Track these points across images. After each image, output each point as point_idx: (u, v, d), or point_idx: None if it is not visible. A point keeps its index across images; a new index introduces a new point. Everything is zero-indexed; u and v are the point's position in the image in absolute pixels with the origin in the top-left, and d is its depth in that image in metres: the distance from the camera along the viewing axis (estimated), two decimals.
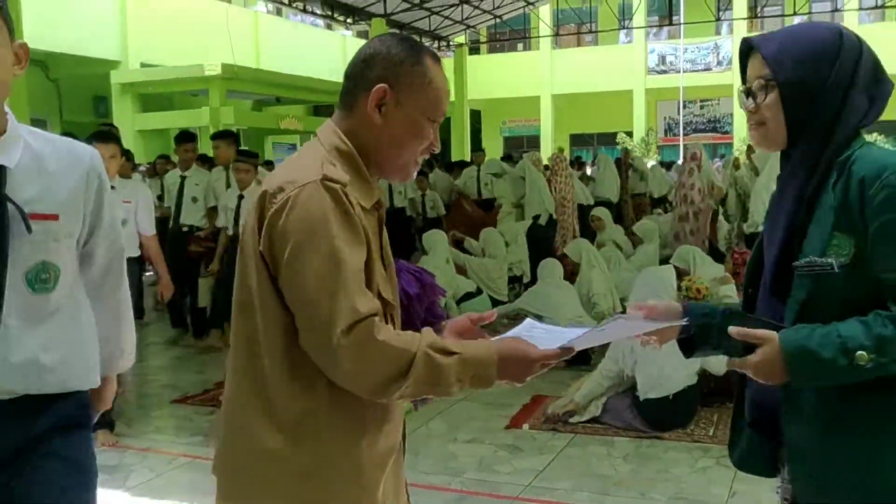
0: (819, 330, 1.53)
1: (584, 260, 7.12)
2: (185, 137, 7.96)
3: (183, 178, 7.46)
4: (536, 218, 9.00)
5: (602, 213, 8.61)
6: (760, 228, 6.96)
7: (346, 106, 1.66)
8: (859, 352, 1.48)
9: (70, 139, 1.90)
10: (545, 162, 10.76)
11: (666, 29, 25.38)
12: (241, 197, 6.52)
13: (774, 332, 1.56)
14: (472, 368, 1.53)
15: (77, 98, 16.73)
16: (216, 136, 7.62)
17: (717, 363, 4.89)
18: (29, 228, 1.71)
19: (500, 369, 1.55)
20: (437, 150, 1.72)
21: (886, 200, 1.50)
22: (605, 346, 5.86)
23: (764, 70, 1.66)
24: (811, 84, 1.61)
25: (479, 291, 7.48)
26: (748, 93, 1.70)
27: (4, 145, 1.74)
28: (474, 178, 12.04)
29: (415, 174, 1.75)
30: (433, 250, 7.30)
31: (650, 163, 15.15)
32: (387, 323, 1.60)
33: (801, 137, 1.65)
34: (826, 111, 1.62)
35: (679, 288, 5.46)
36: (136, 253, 5.67)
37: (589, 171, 14.22)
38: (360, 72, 1.64)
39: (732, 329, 1.59)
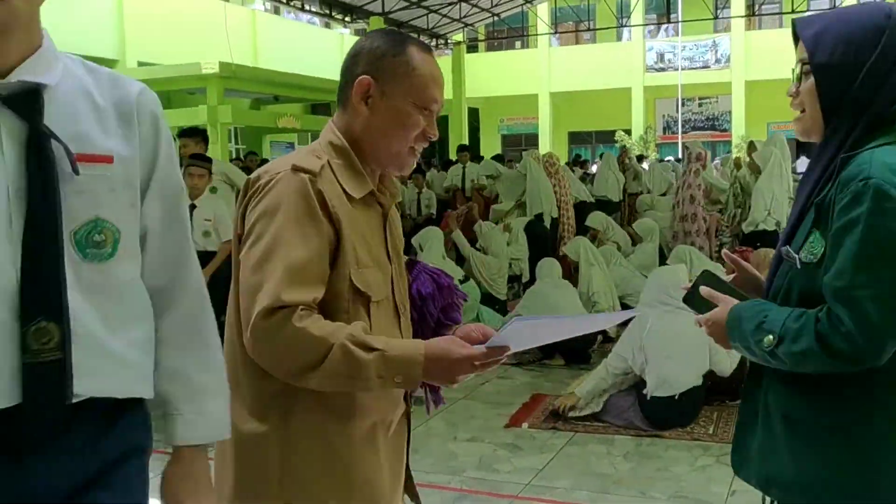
0: (763, 306, 1.58)
1: (583, 258, 7.11)
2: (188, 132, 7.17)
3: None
4: (539, 216, 8.98)
5: (596, 222, 8.60)
6: (760, 227, 6.92)
7: (340, 103, 1.72)
8: (768, 336, 1.51)
9: (112, 71, 1.46)
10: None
11: (665, 26, 25.34)
12: (192, 207, 5.91)
13: (734, 299, 1.64)
14: (396, 367, 1.50)
15: None
16: (183, 134, 6.56)
17: (724, 365, 4.89)
18: (76, 171, 1.26)
19: (427, 370, 1.52)
20: (434, 138, 1.73)
21: (846, 206, 1.45)
22: (603, 347, 5.85)
23: (803, 53, 1.58)
24: (847, 68, 1.51)
25: (466, 279, 7.42)
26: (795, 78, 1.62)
27: (41, 61, 1.28)
28: (459, 176, 11.87)
29: (412, 164, 1.75)
30: (428, 247, 7.26)
31: (645, 163, 15.03)
32: (368, 318, 1.62)
33: (830, 127, 1.55)
34: (860, 98, 1.51)
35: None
36: None
37: (594, 169, 14.18)
38: (349, 68, 1.69)
39: (703, 289, 1.68)
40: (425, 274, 2.00)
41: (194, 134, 6.72)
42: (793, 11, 19.15)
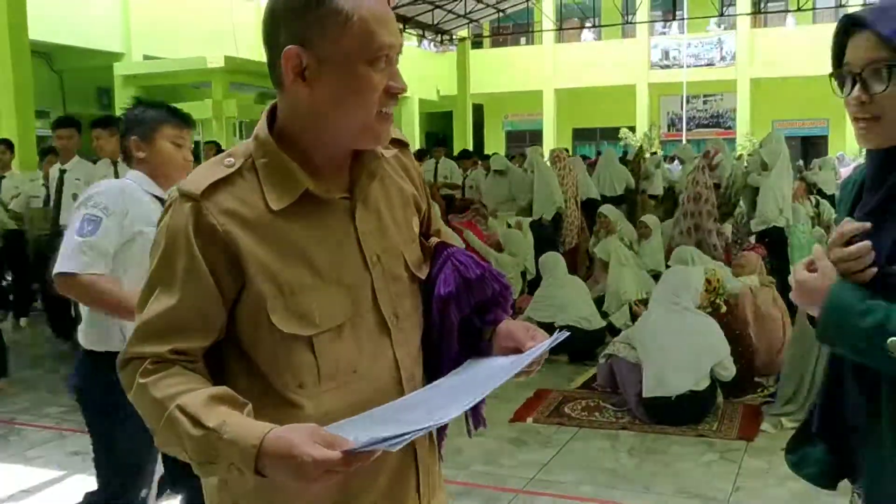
0: (870, 301, 1.36)
1: (614, 258, 7.11)
2: (64, 122, 6.67)
3: (63, 171, 6.37)
4: (539, 219, 8.94)
5: (609, 210, 8.58)
6: (771, 225, 6.85)
7: (275, 84, 1.35)
8: (892, 338, 1.32)
9: None
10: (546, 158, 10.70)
11: (675, 23, 25.28)
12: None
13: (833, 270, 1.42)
14: (228, 453, 1.18)
15: (81, 90, 16.71)
16: (95, 124, 6.06)
17: (726, 371, 4.90)
18: None
19: (264, 465, 1.17)
20: (403, 91, 1.35)
21: None
22: (599, 357, 5.85)
23: (881, 52, 1.37)
24: None
25: None
26: (854, 80, 1.42)
27: None
28: (431, 171, 11.64)
29: (388, 130, 1.37)
30: None
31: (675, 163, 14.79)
32: (312, 355, 1.32)
33: None
34: None
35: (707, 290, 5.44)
36: None
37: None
38: (269, 39, 1.32)
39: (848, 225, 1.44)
40: (451, 264, 1.48)
41: (107, 124, 5.98)
42: (798, 9, 19.11)
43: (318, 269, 1.32)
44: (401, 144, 1.52)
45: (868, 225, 1.39)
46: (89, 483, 4.18)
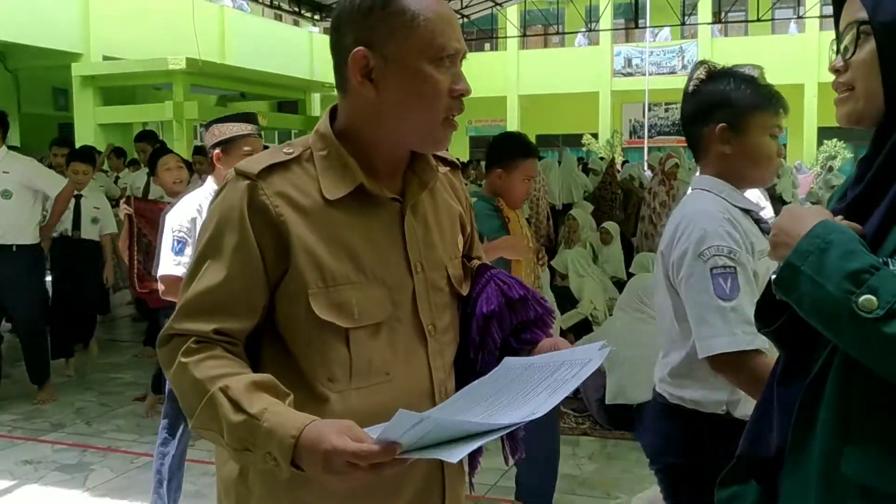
0: (868, 254, 1.12)
1: (572, 270, 7.12)
2: (81, 155, 6.82)
3: (79, 196, 6.23)
4: None
5: (578, 214, 8.58)
6: None
7: (339, 88, 1.37)
8: (867, 296, 1.07)
9: None
10: None
11: (656, 30, 25.57)
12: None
13: (825, 213, 1.21)
14: (265, 441, 1.17)
15: (36, 90, 16.42)
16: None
17: None
18: None
19: (300, 456, 1.15)
20: (468, 92, 1.34)
21: None
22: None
23: (858, 13, 1.21)
24: None
25: None
26: (838, 49, 1.27)
27: None
28: None
29: (450, 136, 1.38)
30: None
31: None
32: (346, 349, 1.32)
33: None
34: None
35: None
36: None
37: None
38: (336, 43, 1.35)
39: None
40: (494, 284, 1.48)
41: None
42: (758, 19, 19.42)
43: (362, 265, 1.33)
44: (452, 165, 1.57)
45: (857, 226, 1.19)
46: (41, 492, 4.09)
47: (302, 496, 1.33)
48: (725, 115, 2.01)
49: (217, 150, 3.16)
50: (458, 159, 1.66)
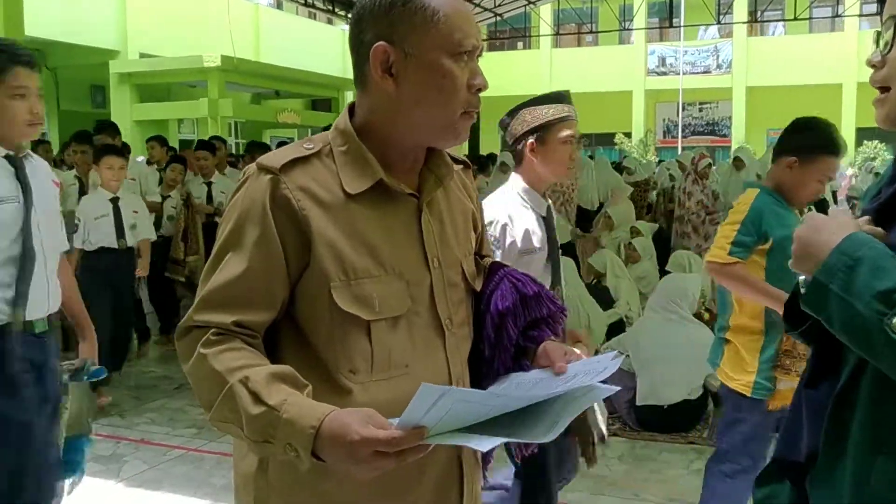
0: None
1: (609, 270, 7.08)
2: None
3: (115, 199, 5.50)
4: None
5: (619, 213, 8.47)
6: None
7: (359, 84, 1.39)
8: None
9: None
10: None
11: (670, 30, 25.37)
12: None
13: (852, 223, 1.14)
14: (285, 433, 1.17)
15: (75, 88, 16.69)
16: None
17: (717, 381, 4.88)
18: None
19: (322, 448, 1.15)
20: (485, 86, 1.39)
21: None
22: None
23: None
24: None
25: None
26: (879, 43, 1.20)
27: None
28: None
29: (467, 132, 1.39)
30: None
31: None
32: (368, 341, 1.33)
33: None
34: None
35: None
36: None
37: None
38: (356, 39, 1.37)
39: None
40: (507, 282, 1.49)
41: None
42: (795, 18, 19.17)
43: (381, 259, 1.35)
44: (464, 163, 1.58)
45: (880, 231, 1.15)
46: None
47: (323, 487, 1.34)
48: None
49: (530, 140, 2.68)
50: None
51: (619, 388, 1.33)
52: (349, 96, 19.87)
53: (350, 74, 1.45)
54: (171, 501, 3.92)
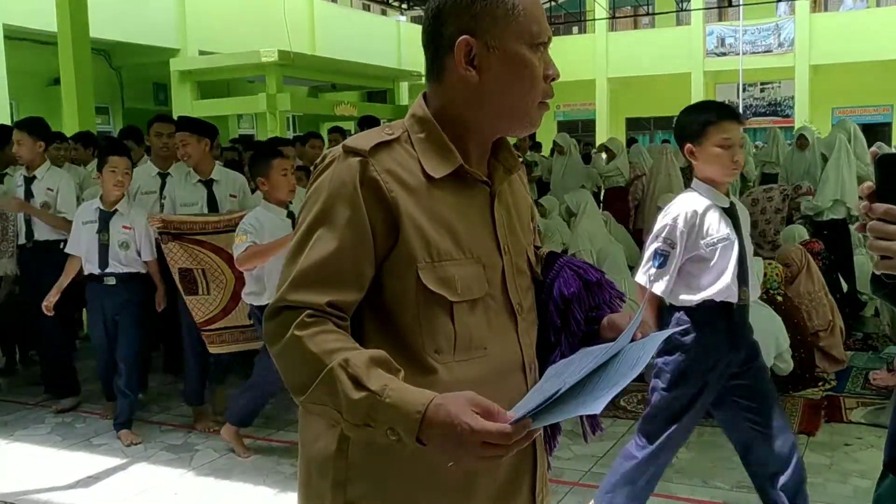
0: None
1: (581, 210, 7.00)
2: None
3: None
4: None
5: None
6: (828, 216, 6.56)
7: (434, 77, 1.43)
8: None
9: None
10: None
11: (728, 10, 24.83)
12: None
13: None
14: (387, 418, 1.19)
15: (138, 86, 17.05)
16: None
17: (784, 364, 4.78)
18: None
19: (425, 434, 1.17)
20: (558, 76, 1.43)
21: None
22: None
23: None
24: None
25: None
26: None
27: None
28: None
29: (541, 119, 1.45)
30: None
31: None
32: (450, 322, 1.36)
33: None
34: None
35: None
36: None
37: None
38: (435, 32, 1.41)
39: None
40: (569, 269, 1.54)
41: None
42: None
43: (461, 243, 1.39)
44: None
45: None
46: (150, 471, 4.28)
47: (407, 468, 1.36)
48: None
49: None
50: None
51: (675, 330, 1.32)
52: (404, 87, 19.91)
53: (404, 66, 1.48)
54: (241, 489, 4.01)
